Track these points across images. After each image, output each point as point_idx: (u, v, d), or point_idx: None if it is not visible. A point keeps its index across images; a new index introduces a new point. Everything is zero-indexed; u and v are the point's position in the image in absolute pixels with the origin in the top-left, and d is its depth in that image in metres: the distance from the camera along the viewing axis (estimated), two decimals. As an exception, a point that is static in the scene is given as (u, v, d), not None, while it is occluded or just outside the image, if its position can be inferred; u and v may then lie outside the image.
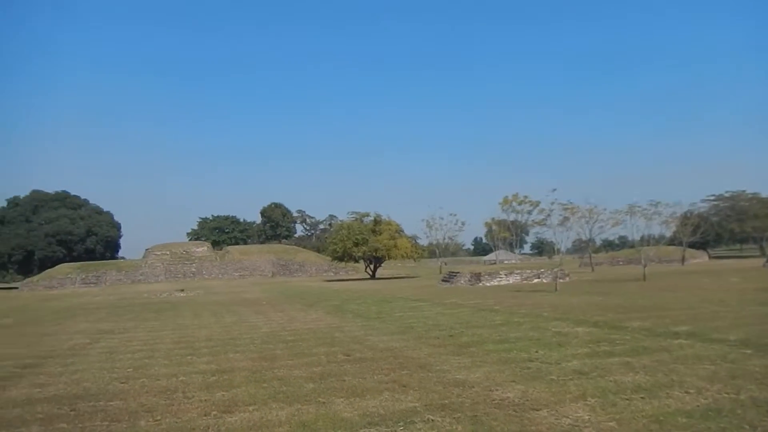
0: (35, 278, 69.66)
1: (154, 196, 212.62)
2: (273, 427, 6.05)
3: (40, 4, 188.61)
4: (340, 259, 58.87)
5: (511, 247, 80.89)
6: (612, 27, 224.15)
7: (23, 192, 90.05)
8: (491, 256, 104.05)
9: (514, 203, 55.60)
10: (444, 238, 68.89)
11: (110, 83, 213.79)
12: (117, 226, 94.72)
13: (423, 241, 79.84)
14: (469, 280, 36.90)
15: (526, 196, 54.58)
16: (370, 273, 59.21)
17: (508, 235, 68.09)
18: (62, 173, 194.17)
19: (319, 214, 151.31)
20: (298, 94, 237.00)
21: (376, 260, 58.58)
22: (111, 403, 7.40)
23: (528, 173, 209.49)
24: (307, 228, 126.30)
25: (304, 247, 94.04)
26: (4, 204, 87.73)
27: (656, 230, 38.16)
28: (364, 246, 55.69)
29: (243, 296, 33.97)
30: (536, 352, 9.94)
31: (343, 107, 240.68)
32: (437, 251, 72.47)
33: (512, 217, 61.89)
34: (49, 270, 71.50)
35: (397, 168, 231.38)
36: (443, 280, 40.40)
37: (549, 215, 28.22)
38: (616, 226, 46.84)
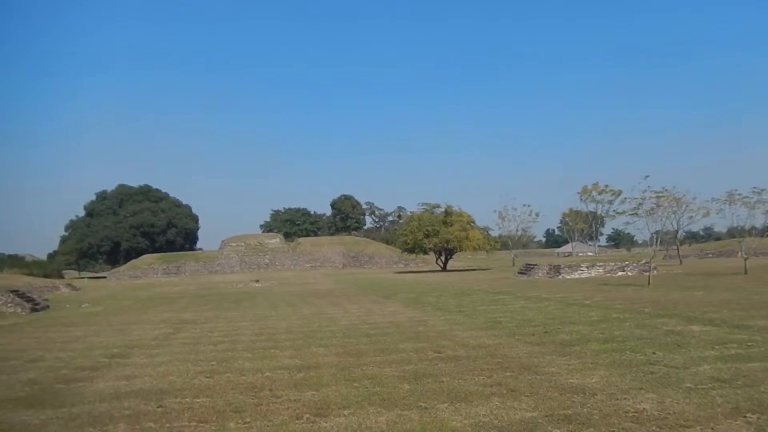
0: (121, 268, 73.60)
1: (229, 189, 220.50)
2: (374, 437, 5.37)
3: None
4: (411, 250, 58.24)
5: (587, 238, 77.34)
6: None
7: (110, 186, 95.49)
8: (566, 248, 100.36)
9: (593, 193, 52.56)
10: (517, 230, 66.74)
11: (188, 79, 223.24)
12: (195, 219, 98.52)
13: (494, 233, 77.99)
14: (548, 273, 35.25)
15: (606, 185, 51.44)
16: (441, 265, 58.18)
17: (585, 226, 64.92)
18: (144, 167, 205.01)
19: (388, 206, 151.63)
20: (364, 89, 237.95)
21: (447, 252, 57.49)
22: (197, 400, 6.99)
23: (601, 164, 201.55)
24: (376, 220, 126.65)
25: (373, 239, 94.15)
26: (94, 198, 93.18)
27: (759, 220, 34.55)
28: (435, 237, 54.77)
29: (316, 287, 33.98)
30: (653, 353, 8.77)
31: (411, 101, 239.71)
32: (510, 243, 70.41)
33: (590, 207, 58.75)
34: (134, 260, 75.33)
35: (465, 159, 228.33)
36: (520, 273, 38.90)
37: (641, 204, 26.08)
38: (707, 216, 43.22)
